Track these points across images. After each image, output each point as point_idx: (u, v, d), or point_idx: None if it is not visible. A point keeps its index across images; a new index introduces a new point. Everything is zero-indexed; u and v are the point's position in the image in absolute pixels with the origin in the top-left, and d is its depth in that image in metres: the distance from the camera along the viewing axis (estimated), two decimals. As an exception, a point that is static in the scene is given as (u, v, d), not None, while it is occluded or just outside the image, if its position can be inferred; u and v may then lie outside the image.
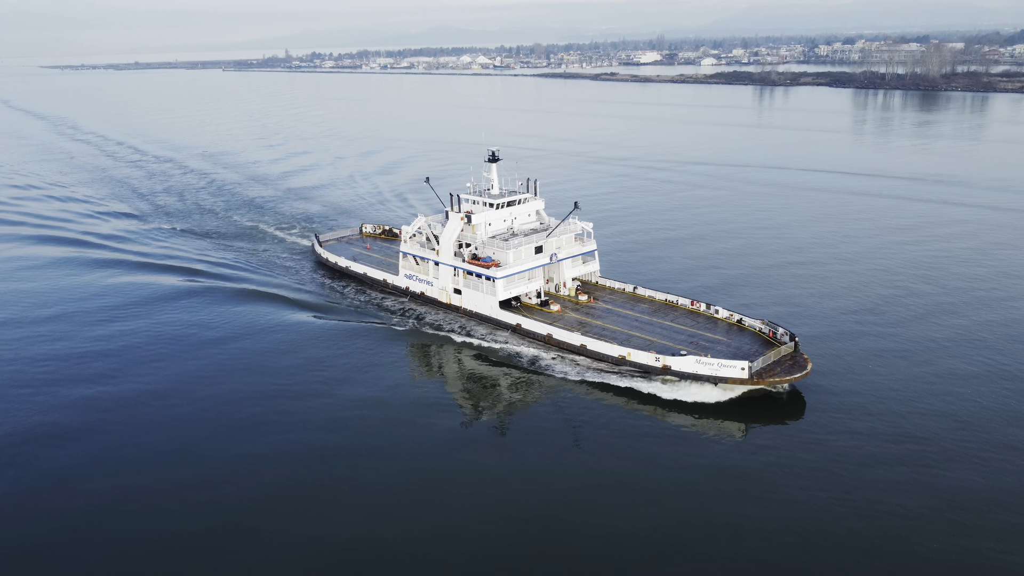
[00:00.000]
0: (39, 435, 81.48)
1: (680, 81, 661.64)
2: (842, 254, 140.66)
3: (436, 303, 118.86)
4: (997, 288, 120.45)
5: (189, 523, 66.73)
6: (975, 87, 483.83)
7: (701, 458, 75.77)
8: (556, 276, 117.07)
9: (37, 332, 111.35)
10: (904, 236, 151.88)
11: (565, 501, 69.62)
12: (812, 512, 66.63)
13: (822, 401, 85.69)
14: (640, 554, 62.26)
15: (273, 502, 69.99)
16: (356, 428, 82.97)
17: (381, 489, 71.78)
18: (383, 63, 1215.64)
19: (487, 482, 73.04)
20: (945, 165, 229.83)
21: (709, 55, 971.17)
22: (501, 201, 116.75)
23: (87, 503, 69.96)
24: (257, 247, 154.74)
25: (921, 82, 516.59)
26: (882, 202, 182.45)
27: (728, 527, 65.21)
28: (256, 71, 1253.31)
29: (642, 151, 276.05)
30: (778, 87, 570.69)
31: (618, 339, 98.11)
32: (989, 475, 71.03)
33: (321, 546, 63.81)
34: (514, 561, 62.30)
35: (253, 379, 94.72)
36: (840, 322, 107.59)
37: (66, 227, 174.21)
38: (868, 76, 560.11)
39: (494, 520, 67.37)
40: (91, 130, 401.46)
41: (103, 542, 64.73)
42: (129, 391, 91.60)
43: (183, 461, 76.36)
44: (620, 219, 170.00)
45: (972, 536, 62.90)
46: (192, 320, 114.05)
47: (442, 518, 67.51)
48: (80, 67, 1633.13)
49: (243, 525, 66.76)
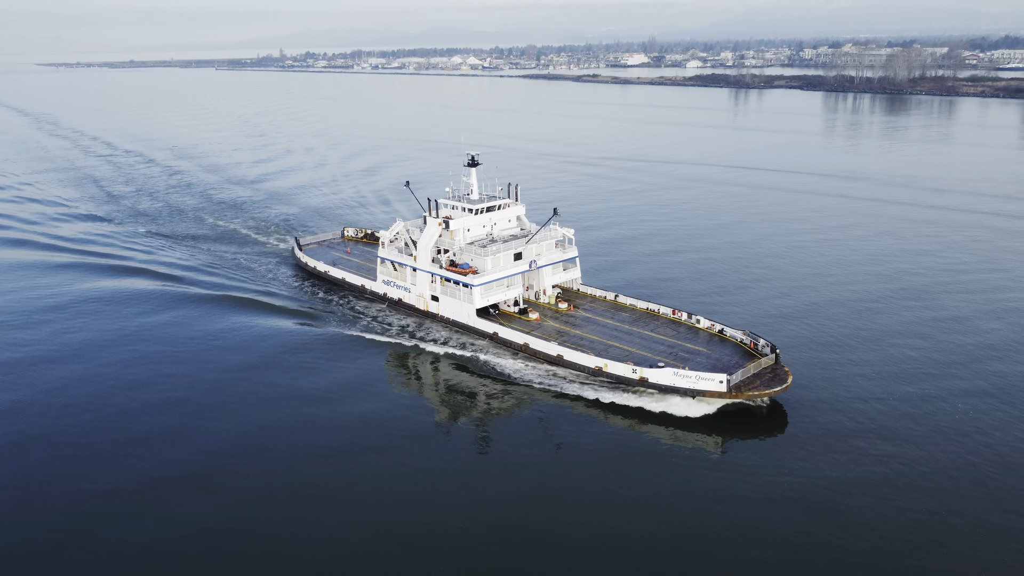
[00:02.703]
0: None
1: (659, 83, 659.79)
2: (826, 263, 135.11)
3: (414, 310, 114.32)
4: (988, 300, 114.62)
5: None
6: (939, 91, 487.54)
7: (675, 474, 71.28)
8: (536, 283, 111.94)
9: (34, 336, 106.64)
10: (889, 243, 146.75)
11: (535, 511, 66.10)
12: (791, 529, 62.61)
13: (803, 415, 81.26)
14: (610, 563, 58.68)
15: (249, 512, 66.12)
16: (325, 437, 78.22)
17: (350, 500, 67.55)
18: (374, 63, 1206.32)
19: (460, 491, 69.26)
20: (915, 167, 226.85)
21: (697, 57, 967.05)
22: (480, 206, 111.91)
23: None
24: (232, 250, 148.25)
25: (888, 86, 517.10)
26: (860, 205, 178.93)
27: (701, 543, 61.40)
28: (250, 70, 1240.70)
29: (615, 151, 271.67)
30: (752, 89, 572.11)
31: (596, 349, 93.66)
32: (976, 487, 67.33)
33: (306, 549, 59.97)
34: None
35: (228, 387, 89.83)
36: (823, 333, 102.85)
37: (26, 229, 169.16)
38: (838, 79, 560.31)
39: (468, 528, 63.87)
40: (69, 126, 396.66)
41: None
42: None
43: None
44: (602, 225, 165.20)
45: (961, 554, 59.17)
46: (153, 327, 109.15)
47: (413, 527, 64.00)
48: (76, 65, 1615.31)
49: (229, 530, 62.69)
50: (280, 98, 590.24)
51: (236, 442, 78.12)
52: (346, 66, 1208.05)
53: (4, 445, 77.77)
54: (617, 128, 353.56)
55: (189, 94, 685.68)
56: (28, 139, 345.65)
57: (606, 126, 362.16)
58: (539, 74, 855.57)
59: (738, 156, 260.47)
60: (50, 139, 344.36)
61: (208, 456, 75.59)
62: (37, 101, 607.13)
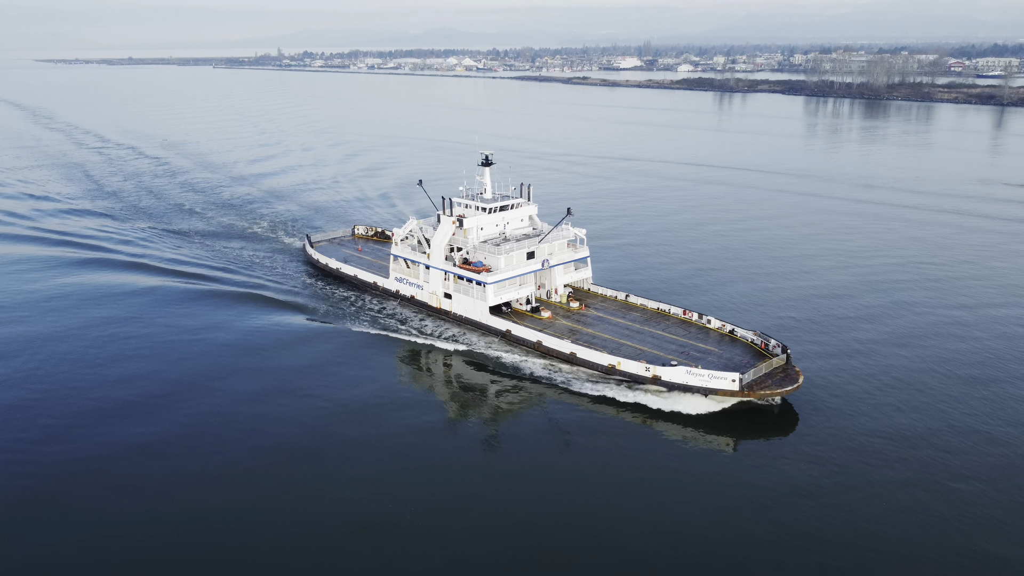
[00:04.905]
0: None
1: (646, 86, 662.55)
2: (837, 265, 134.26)
3: (426, 307, 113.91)
4: (1002, 302, 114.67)
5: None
6: (916, 97, 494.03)
7: (688, 472, 71.02)
8: (548, 282, 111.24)
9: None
10: (903, 246, 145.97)
11: (547, 509, 65.40)
12: (801, 528, 62.34)
13: (814, 415, 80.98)
14: (622, 563, 58.52)
15: (245, 508, 65.27)
16: (335, 432, 77.58)
17: (360, 493, 66.88)
18: (370, 63, 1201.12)
19: (471, 488, 68.60)
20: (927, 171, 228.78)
21: (689, 62, 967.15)
22: (494, 206, 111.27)
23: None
24: (241, 247, 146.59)
25: (866, 91, 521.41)
26: (868, 208, 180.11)
27: (710, 541, 61.01)
28: (247, 69, 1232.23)
29: (604, 151, 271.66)
30: (736, 93, 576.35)
31: (608, 348, 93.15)
32: (990, 486, 67.23)
33: (307, 544, 58.97)
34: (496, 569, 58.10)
35: (235, 382, 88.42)
36: (834, 334, 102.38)
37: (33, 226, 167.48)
38: (819, 84, 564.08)
39: (478, 527, 63.20)
40: (64, 120, 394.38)
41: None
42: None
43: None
44: (609, 225, 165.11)
45: (980, 561, 58.80)
46: (170, 321, 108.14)
47: (424, 524, 63.18)
48: (74, 61, 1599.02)
49: (226, 522, 61.99)
50: (282, 100, 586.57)
51: (239, 442, 77.10)
52: (342, 66, 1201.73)
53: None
54: (605, 129, 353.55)
55: (189, 93, 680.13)
56: (30, 138, 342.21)
57: (596, 127, 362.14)
58: (531, 76, 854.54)
59: (733, 158, 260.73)
60: (48, 134, 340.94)
61: (218, 450, 74.90)
62: (52, 100, 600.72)
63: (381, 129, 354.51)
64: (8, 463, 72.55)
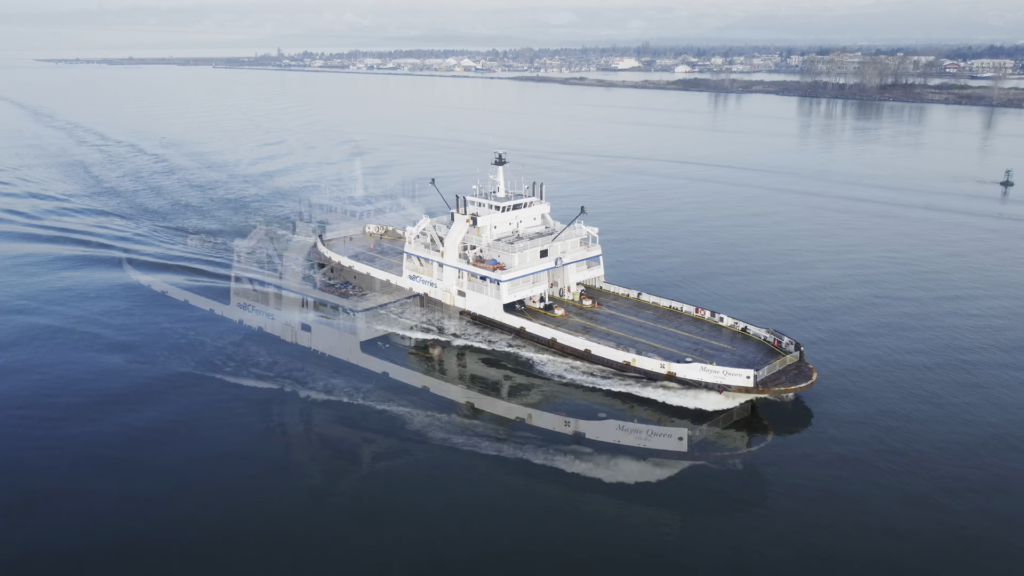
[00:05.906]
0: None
1: (642, 86, 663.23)
2: (849, 263, 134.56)
3: (440, 305, 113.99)
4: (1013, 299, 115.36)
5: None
6: (907, 98, 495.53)
7: (703, 467, 71.60)
8: (561, 280, 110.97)
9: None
10: (915, 246, 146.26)
11: (560, 508, 65.81)
12: (814, 527, 62.61)
13: (827, 412, 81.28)
14: (632, 561, 58.45)
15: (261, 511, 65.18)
16: (345, 428, 78.18)
17: (358, 497, 67.46)
18: (370, 63, 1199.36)
19: (486, 485, 69.09)
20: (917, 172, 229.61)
21: (687, 63, 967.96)
22: (507, 204, 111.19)
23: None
24: (250, 244, 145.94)
25: (858, 92, 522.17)
26: (870, 207, 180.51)
27: (726, 539, 61.48)
28: (247, 68, 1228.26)
29: (601, 150, 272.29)
30: (731, 93, 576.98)
31: (622, 345, 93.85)
32: (997, 487, 67.44)
33: (323, 544, 59.08)
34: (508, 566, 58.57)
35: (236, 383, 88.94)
36: (846, 331, 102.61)
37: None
38: (812, 85, 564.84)
39: (492, 526, 63.69)
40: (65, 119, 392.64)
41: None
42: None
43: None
44: (622, 224, 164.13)
45: (994, 562, 59.05)
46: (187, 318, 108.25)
47: (433, 521, 63.80)
48: (75, 61, 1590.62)
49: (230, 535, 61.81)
50: (284, 99, 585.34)
51: (243, 440, 77.10)
52: (342, 66, 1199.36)
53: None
54: (603, 129, 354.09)
55: (191, 93, 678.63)
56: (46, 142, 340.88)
57: (596, 127, 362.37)
58: (528, 76, 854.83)
59: (732, 158, 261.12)
60: (49, 132, 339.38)
61: (224, 443, 75.36)
62: (52, 99, 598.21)
63: (382, 128, 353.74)
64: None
